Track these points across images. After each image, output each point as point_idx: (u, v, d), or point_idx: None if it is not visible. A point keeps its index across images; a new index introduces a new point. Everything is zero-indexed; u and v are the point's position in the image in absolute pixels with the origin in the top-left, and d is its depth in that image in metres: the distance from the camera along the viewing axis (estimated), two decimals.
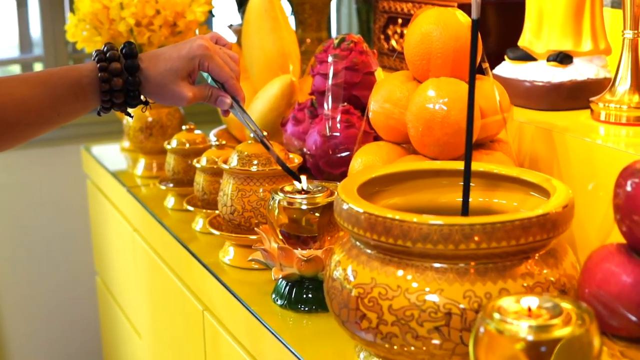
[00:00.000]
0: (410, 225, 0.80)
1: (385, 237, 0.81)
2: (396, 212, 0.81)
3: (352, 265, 0.86)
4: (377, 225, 0.81)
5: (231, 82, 1.09)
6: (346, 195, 0.87)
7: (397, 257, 0.82)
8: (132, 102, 1.08)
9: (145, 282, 1.69)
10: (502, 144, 1.18)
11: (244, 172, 1.21)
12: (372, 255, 0.84)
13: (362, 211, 0.83)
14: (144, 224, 1.62)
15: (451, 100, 1.06)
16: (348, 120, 1.29)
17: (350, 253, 0.87)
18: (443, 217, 0.80)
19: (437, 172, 0.97)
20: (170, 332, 1.56)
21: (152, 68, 1.07)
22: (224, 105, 1.10)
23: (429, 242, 0.79)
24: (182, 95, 1.08)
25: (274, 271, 1.04)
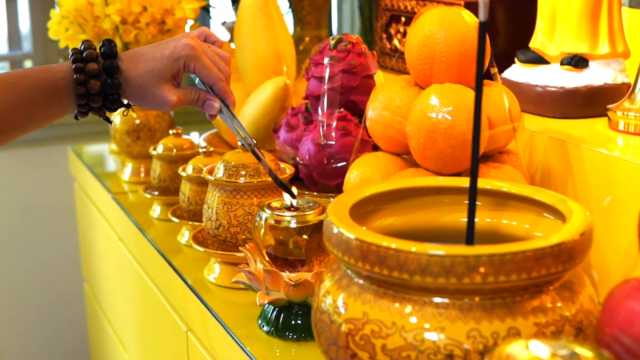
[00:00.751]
0: (408, 255, 0.71)
1: (379, 267, 0.72)
2: (392, 240, 0.72)
3: (342, 296, 0.77)
4: (370, 255, 0.72)
5: (220, 85, 1.00)
6: (336, 217, 0.78)
7: (393, 289, 0.73)
8: (112, 106, 1.00)
9: (131, 295, 1.60)
10: (511, 156, 1.09)
11: (231, 183, 1.12)
12: (364, 286, 0.75)
13: (353, 237, 0.74)
14: (128, 233, 1.54)
15: (456, 109, 0.97)
16: (344, 127, 1.20)
17: (341, 282, 0.78)
18: (445, 246, 0.71)
19: (439, 190, 0.88)
20: (155, 349, 1.48)
21: (133, 69, 0.99)
22: (212, 110, 1.01)
23: (428, 275, 0.70)
24: (165, 99, 0.99)
25: (259, 296, 0.95)
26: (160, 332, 1.40)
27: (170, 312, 1.30)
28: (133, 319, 1.61)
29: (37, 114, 0.99)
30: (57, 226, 2.45)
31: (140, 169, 1.69)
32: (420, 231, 0.88)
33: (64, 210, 2.39)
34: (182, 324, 1.24)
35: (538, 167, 1.17)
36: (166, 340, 1.36)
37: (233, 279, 1.01)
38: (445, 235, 0.88)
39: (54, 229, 2.46)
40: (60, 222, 2.44)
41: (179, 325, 1.25)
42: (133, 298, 1.59)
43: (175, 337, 1.28)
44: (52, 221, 2.46)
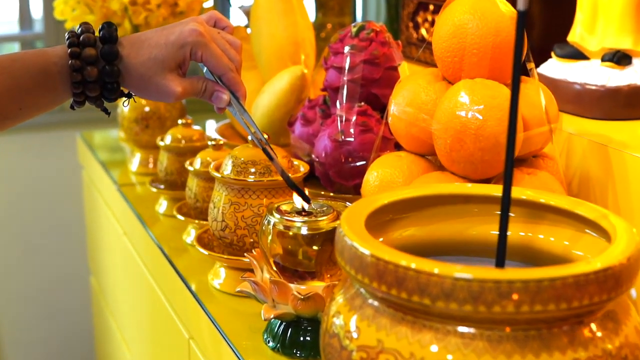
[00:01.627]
0: (430, 277, 0.62)
1: (397, 290, 0.64)
2: (411, 259, 0.63)
3: (354, 318, 0.69)
4: (387, 275, 0.64)
5: (229, 75, 0.92)
6: (350, 228, 0.70)
7: (412, 314, 0.65)
8: (110, 95, 0.92)
9: (134, 293, 1.53)
10: (547, 161, 1.00)
11: (239, 182, 1.03)
12: (379, 309, 0.67)
13: (368, 253, 0.65)
14: (133, 228, 1.46)
15: (488, 107, 0.88)
16: (364, 123, 1.11)
17: (353, 303, 0.70)
18: (472, 268, 0.62)
19: (467, 198, 0.79)
20: (157, 353, 1.40)
21: (134, 56, 0.91)
22: (220, 102, 0.93)
23: (453, 301, 0.62)
24: (169, 90, 0.91)
25: (265, 310, 0.87)
26: (162, 336, 1.32)
27: (172, 317, 1.22)
28: (136, 319, 1.54)
29: (29, 102, 0.91)
30: (64, 215, 2.39)
31: (149, 160, 1.62)
32: (444, 244, 0.80)
33: (72, 199, 2.32)
34: (184, 330, 1.16)
35: (575, 173, 1.08)
36: (168, 345, 1.28)
37: (237, 287, 0.92)
38: (472, 249, 0.80)
39: (61, 217, 2.40)
40: (68, 211, 2.37)
41: (180, 331, 1.17)
42: (137, 297, 1.52)
43: (177, 343, 1.21)
44: (60, 209, 2.39)
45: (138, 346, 1.55)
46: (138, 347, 1.55)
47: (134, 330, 1.58)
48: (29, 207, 2.38)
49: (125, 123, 1.59)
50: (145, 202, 1.46)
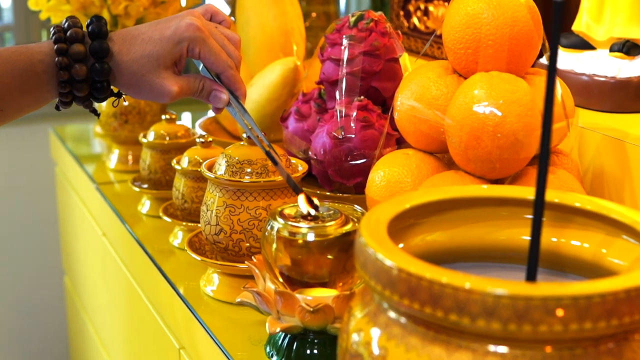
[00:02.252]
0: (470, 295, 0.56)
1: (431, 308, 0.58)
2: (443, 273, 0.58)
3: (379, 337, 0.63)
4: (421, 292, 0.58)
5: (229, 73, 0.86)
6: (373, 238, 0.64)
7: (445, 333, 0.59)
8: (99, 95, 0.86)
9: (115, 296, 1.46)
10: (562, 157, 0.95)
11: (234, 183, 0.97)
12: (408, 327, 0.61)
13: (395, 266, 0.60)
14: (114, 229, 1.39)
15: (507, 102, 0.83)
16: (366, 118, 1.05)
17: (377, 319, 0.64)
18: (514, 283, 0.57)
19: (493, 201, 0.74)
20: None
21: (126, 53, 0.85)
22: (219, 103, 0.87)
23: (496, 320, 0.56)
24: (165, 89, 0.85)
25: (270, 322, 0.81)
26: (148, 345, 1.26)
27: (160, 324, 1.15)
28: (117, 323, 1.47)
29: (11, 103, 0.85)
30: (36, 212, 2.31)
31: (128, 156, 1.55)
32: (469, 250, 0.74)
33: (44, 196, 2.24)
34: (174, 340, 1.10)
35: (588, 170, 1.03)
36: (155, 355, 1.22)
37: (237, 298, 0.86)
38: (500, 255, 0.74)
39: (33, 215, 2.32)
40: (40, 209, 2.29)
41: (170, 340, 1.11)
42: (118, 301, 1.45)
43: (165, 353, 1.14)
44: (31, 207, 2.31)
45: (120, 353, 1.48)
46: (119, 354, 1.48)
47: (114, 335, 1.52)
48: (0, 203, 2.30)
49: (102, 118, 1.52)
50: (126, 202, 1.39)
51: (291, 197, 0.99)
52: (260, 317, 0.94)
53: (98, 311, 1.64)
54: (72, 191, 1.73)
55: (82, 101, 0.86)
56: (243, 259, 0.98)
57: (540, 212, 0.66)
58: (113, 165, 1.55)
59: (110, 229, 1.42)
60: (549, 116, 0.63)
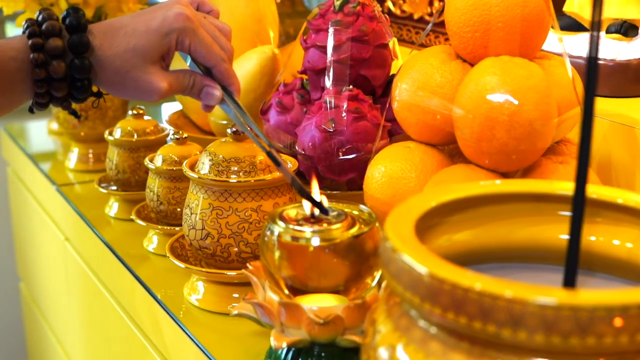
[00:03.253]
0: (515, 306, 0.51)
1: (467, 318, 0.52)
2: (479, 279, 0.53)
3: (402, 345, 0.57)
4: (468, 305, 0.53)
5: (222, 67, 0.80)
6: (405, 244, 0.58)
7: (468, 341, 0.54)
8: (80, 95, 0.79)
9: (82, 308, 1.38)
10: (570, 146, 0.90)
11: (221, 183, 0.90)
12: (429, 331, 0.56)
13: (425, 272, 0.54)
14: (78, 234, 1.32)
15: (523, 89, 0.77)
16: (358, 109, 0.99)
17: (410, 333, 0.58)
18: (561, 291, 0.52)
19: (522, 197, 0.69)
20: None
21: (108, 47, 0.78)
22: (211, 100, 0.81)
23: (540, 332, 0.51)
24: (153, 86, 0.78)
25: (274, 337, 0.74)
26: (123, 358, 1.18)
27: (137, 336, 1.09)
28: (84, 338, 1.40)
29: None
30: None
31: (89, 155, 1.47)
32: (496, 249, 0.69)
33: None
34: (155, 352, 1.03)
35: (594, 158, 0.99)
36: None
37: (233, 310, 0.80)
38: (532, 255, 0.69)
39: None
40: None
41: (150, 353, 1.04)
42: (84, 313, 1.37)
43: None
44: None
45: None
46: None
47: (81, 346, 1.44)
48: None
49: (60, 115, 1.44)
50: (91, 204, 1.32)
51: (281, 197, 0.92)
52: (255, 328, 0.88)
53: (60, 318, 1.56)
54: (28, 193, 1.64)
55: (61, 102, 0.79)
56: (232, 265, 0.92)
57: (581, 210, 0.61)
58: (73, 165, 1.47)
59: (74, 233, 1.34)
60: (590, 104, 0.58)
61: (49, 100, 0.78)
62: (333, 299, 0.77)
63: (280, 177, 0.91)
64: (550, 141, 0.80)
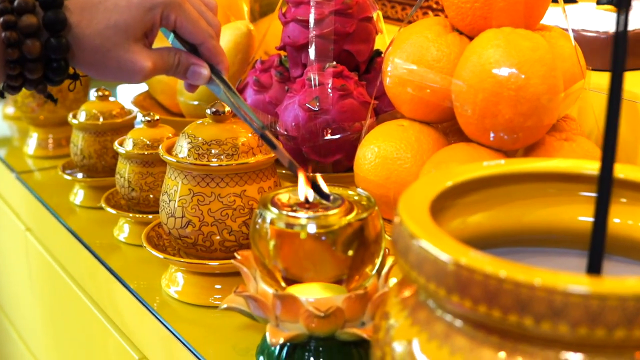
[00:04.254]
0: (555, 297, 0.47)
1: (501, 311, 0.48)
2: (515, 268, 0.48)
3: (423, 340, 0.53)
4: (503, 296, 0.48)
5: (210, 44, 0.75)
6: (420, 226, 0.54)
7: (498, 335, 0.50)
8: (56, 77, 0.73)
9: (47, 303, 1.32)
10: (569, 122, 0.86)
11: (201, 167, 0.85)
12: (453, 325, 0.52)
13: (453, 261, 0.50)
14: (42, 224, 1.25)
15: (529, 62, 0.73)
16: (343, 87, 0.94)
17: (417, 316, 0.54)
18: (605, 279, 0.47)
19: (539, 177, 0.65)
20: None
21: (87, 24, 0.72)
22: (198, 79, 0.75)
23: (583, 325, 0.47)
24: (136, 65, 0.73)
25: (271, 332, 0.70)
26: (95, 356, 1.13)
27: (110, 331, 1.03)
28: (51, 336, 1.33)
29: None
30: None
31: (48, 140, 1.40)
32: (513, 232, 0.65)
33: None
34: (132, 350, 0.97)
35: (591, 134, 0.95)
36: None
37: (222, 304, 0.75)
38: (550, 239, 0.66)
39: None
40: None
41: (125, 350, 0.99)
42: (51, 307, 1.31)
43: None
44: None
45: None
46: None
47: (50, 346, 1.38)
48: None
49: (19, 98, 1.37)
50: (53, 192, 1.25)
51: (266, 181, 0.87)
52: (242, 321, 0.83)
53: (23, 315, 1.49)
54: None
55: (35, 85, 0.73)
56: (215, 255, 0.87)
57: (608, 190, 0.57)
58: (32, 151, 1.40)
59: (37, 223, 1.28)
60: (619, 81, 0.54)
61: (22, 83, 0.72)
62: (328, 288, 0.73)
63: (265, 160, 0.86)
64: (556, 117, 0.76)
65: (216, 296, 0.88)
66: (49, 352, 1.37)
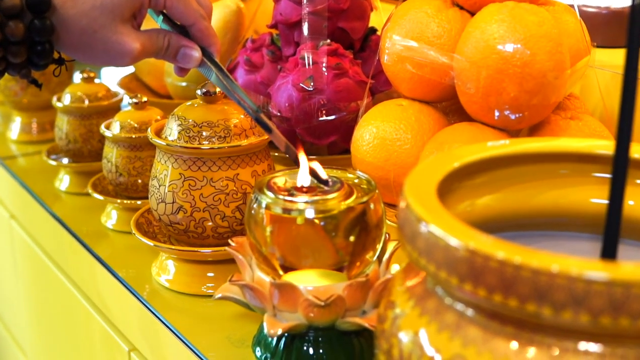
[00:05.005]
0: (577, 284, 0.44)
1: (518, 300, 0.46)
2: (533, 254, 0.46)
3: (433, 331, 0.51)
4: (520, 285, 0.46)
5: (201, 25, 0.72)
6: (428, 210, 0.51)
7: (513, 325, 0.48)
8: (40, 61, 0.70)
9: (32, 292, 1.29)
10: (573, 100, 0.84)
11: (192, 150, 0.82)
12: (465, 315, 0.49)
13: (466, 248, 0.47)
14: (27, 211, 1.22)
15: (535, 38, 0.70)
16: (339, 65, 0.91)
17: (425, 305, 0.52)
18: (627, 265, 0.45)
19: (551, 157, 0.62)
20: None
21: (72, 5, 0.69)
22: (189, 62, 0.72)
23: (606, 314, 0.44)
24: (124, 47, 0.70)
25: (268, 323, 0.67)
26: (83, 347, 1.10)
27: (99, 321, 1.00)
28: (38, 323, 1.30)
29: None
30: None
31: (32, 125, 1.37)
32: (523, 214, 0.63)
33: None
34: (122, 341, 0.94)
35: (595, 112, 0.92)
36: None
37: (216, 294, 0.72)
38: (560, 222, 0.63)
39: None
40: None
41: (115, 341, 0.96)
42: (37, 296, 1.28)
43: (110, 357, 0.99)
44: None
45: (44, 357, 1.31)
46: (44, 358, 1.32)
47: (36, 336, 1.35)
48: None
49: (1, 82, 1.33)
50: (38, 178, 1.22)
51: (260, 164, 0.84)
52: (236, 310, 0.80)
53: (8, 305, 1.46)
54: None
55: (18, 69, 0.69)
56: (207, 241, 0.84)
57: (623, 172, 0.54)
58: (15, 136, 1.37)
59: (22, 210, 1.25)
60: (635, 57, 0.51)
61: (5, 68, 0.69)
62: (327, 275, 0.70)
63: (258, 142, 0.83)
64: (563, 95, 0.73)
65: (209, 284, 0.85)
66: (35, 343, 1.34)
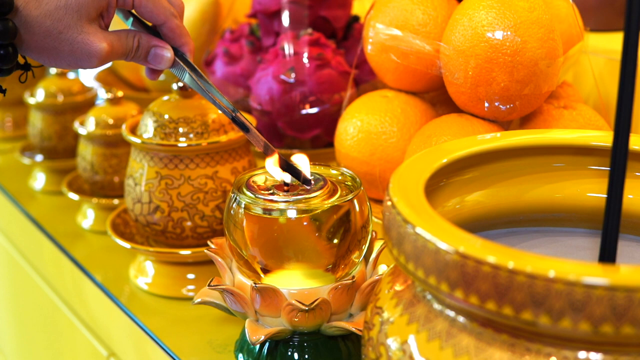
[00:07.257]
0: (576, 289, 0.42)
1: (513, 308, 0.44)
2: (528, 258, 0.43)
3: (422, 340, 0.48)
4: (515, 291, 0.43)
5: (172, 24, 0.69)
6: (415, 211, 0.48)
7: (508, 333, 0.45)
8: (4, 65, 0.67)
9: (6, 294, 1.26)
10: (566, 88, 0.81)
11: (169, 148, 0.79)
12: (456, 322, 0.47)
13: (456, 252, 0.45)
14: (0, 211, 1.19)
15: (526, 24, 0.68)
16: (321, 55, 0.89)
17: (414, 311, 0.49)
18: (629, 268, 0.43)
19: (544, 150, 0.60)
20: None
21: (36, 5, 0.65)
22: (161, 62, 0.69)
23: (607, 322, 0.42)
24: (91, 48, 0.66)
25: (250, 329, 0.64)
26: (60, 353, 1.07)
27: (76, 326, 0.97)
28: (13, 327, 1.27)
29: None
30: None
31: (5, 121, 1.33)
32: (515, 210, 0.61)
33: None
34: (101, 345, 0.92)
35: (589, 99, 0.90)
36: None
37: (195, 299, 0.69)
38: (554, 218, 0.61)
39: None
40: None
41: (92, 346, 0.93)
42: (11, 298, 1.25)
43: None
44: None
45: None
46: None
47: (12, 341, 1.32)
48: None
49: None
50: (11, 176, 1.19)
51: (240, 161, 0.82)
52: (219, 313, 0.77)
53: None
54: None
55: None
56: (186, 242, 0.81)
57: (623, 166, 0.52)
58: None
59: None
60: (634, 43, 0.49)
61: None
62: (311, 276, 0.67)
63: (237, 138, 0.80)
64: (555, 83, 0.70)
65: (189, 287, 0.83)
66: (13, 349, 1.31)
